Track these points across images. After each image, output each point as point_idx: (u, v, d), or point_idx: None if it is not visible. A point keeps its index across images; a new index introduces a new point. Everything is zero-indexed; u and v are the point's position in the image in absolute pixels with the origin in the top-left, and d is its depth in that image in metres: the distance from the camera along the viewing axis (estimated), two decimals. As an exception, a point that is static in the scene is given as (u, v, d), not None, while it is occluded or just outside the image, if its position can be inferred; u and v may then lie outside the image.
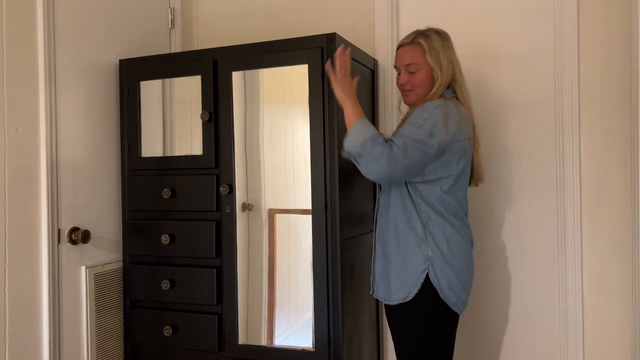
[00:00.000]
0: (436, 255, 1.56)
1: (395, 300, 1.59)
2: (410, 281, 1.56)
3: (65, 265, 1.82)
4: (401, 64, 1.66)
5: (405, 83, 1.65)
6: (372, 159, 1.48)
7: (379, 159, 1.47)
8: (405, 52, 1.65)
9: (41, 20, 1.74)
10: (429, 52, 1.60)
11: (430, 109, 1.54)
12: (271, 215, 1.84)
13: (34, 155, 1.73)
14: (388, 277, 1.62)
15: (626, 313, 1.91)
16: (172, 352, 1.95)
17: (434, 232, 1.57)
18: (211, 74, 1.86)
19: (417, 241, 1.57)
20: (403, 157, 1.47)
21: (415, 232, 1.58)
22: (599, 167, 1.93)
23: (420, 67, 1.62)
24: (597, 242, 1.94)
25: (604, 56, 1.92)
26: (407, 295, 1.56)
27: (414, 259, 1.57)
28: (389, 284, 1.62)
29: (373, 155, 1.48)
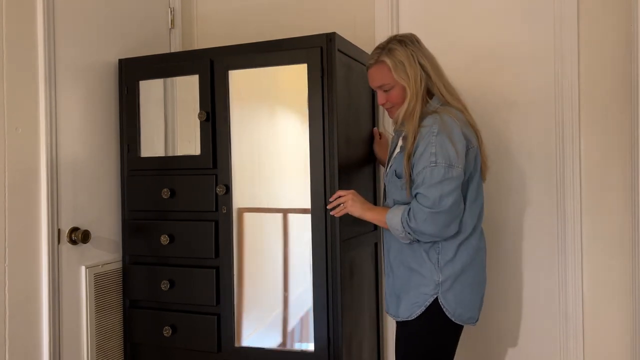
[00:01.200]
0: (449, 279, 1.53)
1: (401, 317, 1.59)
2: (417, 302, 1.55)
3: (65, 265, 1.83)
4: (374, 85, 1.63)
5: (384, 102, 1.62)
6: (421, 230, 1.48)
7: (424, 225, 1.47)
8: (374, 74, 1.61)
9: (41, 20, 1.74)
10: (395, 69, 1.55)
11: (432, 139, 1.47)
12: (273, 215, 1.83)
13: (34, 155, 1.74)
14: (399, 296, 1.61)
15: (626, 313, 1.90)
16: (172, 353, 1.95)
17: (448, 254, 1.54)
18: (209, 73, 1.86)
19: (429, 265, 1.55)
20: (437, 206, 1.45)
21: (428, 255, 1.55)
22: (599, 167, 1.93)
23: (391, 86, 1.57)
24: (597, 242, 1.93)
25: (604, 56, 1.91)
26: (411, 314, 1.56)
27: (424, 282, 1.55)
28: (399, 302, 1.61)
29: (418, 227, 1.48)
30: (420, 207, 1.47)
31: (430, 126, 1.49)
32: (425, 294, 1.54)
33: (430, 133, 1.48)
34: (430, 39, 2.09)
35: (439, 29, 2.11)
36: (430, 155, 1.47)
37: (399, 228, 1.53)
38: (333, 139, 1.70)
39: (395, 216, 1.53)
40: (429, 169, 1.46)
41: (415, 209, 1.48)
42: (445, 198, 1.46)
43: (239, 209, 1.84)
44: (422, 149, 1.49)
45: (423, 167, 1.48)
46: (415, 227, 1.48)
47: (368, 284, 2.00)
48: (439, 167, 1.46)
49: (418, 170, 1.49)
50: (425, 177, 1.47)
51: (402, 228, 1.52)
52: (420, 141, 1.50)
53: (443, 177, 1.45)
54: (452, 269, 1.54)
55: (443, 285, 1.53)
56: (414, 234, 1.51)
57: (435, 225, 1.47)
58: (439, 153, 1.46)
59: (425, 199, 1.47)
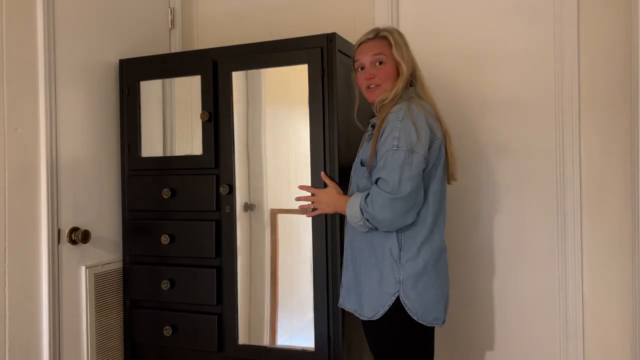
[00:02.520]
0: (410, 277, 1.49)
1: (365, 317, 1.55)
2: (380, 301, 1.51)
3: (65, 265, 1.82)
4: (367, 57, 1.59)
5: (372, 77, 1.58)
6: (378, 216, 1.45)
7: (381, 211, 1.44)
8: (371, 45, 1.59)
9: (41, 20, 1.74)
10: (395, 46, 1.57)
11: (397, 124, 1.47)
12: (273, 215, 1.84)
13: (34, 155, 1.73)
14: (359, 290, 1.57)
15: (626, 313, 1.90)
16: (172, 352, 1.95)
17: (411, 250, 1.51)
18: (211, 74, 1.86)
19: (390, 261, 1.51)
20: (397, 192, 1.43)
21: (390, 251, 1.52)
22: (599, 167, 1.93)
23: (387, 59, 1.57)
24: (597, 242, 1.93)
25: (604, 56, 1.91)
26: (375, 314, 1.52)
27: (385, 279, 1.51)
28: (360, 297, 1.57)
29: (375, 213, 1.44)
30: (379, 191, 1.44)
31: (396, 112, 1.50)
32: (387, 293, 1.50)
33: (395, 119, 1.48)
34: (430, 39, 2.10)
35: (439, 29, 2.11)
36: (392, 139, 1.46)
37: (357, 215, 1.49)
38: (333, 139, 1.70)
39: (354, 203, 1.50)
40: (390, 152, 1.45)
41: (374, 193, 1.45)
42: (404, 183, 1.43)
43: (271, 210, 1.83)
44: (387, 133, 1.48)
45: (385, 151, 1.46)
46: (373, 212, 1.45)
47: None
48: (400, 150, 1.44)
49: (381, 154, 1.48)
50: (387, 160, 1.45)
51: (361, 215, 1.48)
52: (387, 127, 1.50)
53: (403, 161, 1.43)
54: (415, 267, 1.50)
55: (405, 283, 1.49)
56: (372, 221, 1.47)
57: (392, 212, 1.43)
58: (401, 137, 1.45)
59: (385, 183, 1.44)
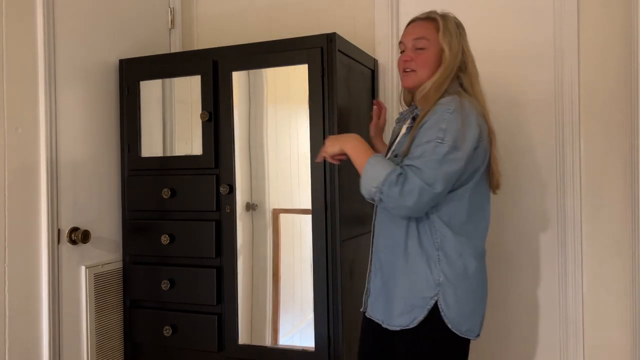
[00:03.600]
0: (450, 281, 1.38)
1: (397, 326, 1.41)
2: (416, 307, 1.39)
3: (65, 265, 1.82)
4: (409, 38, 1.49)
5: (409, 60, 1.48)
6: (402, 200, 1.32)
7: (408, 196, 1.31)
8: (416, 27, 1.49)
9: (41, 20, 1.74)
10: (443, 31, 1.45)
11: (446, 116, 1.35)
12: (275, 215, 1.84)
13: (34, 155, 1.73)
14: (390, 298, 1.44)
15: (626, 313, 1.90)
16: (172, 352, 1.95)
17: (448, 253, 1.39)
18: (211, 74, 1.86)
19: (427, 263, 1.40)
20: (433, 184, 1.31)
21: (427, 252, 1.40)
22: (599, 167, 1.93)
23: (429, 45, 1.46)
24: (597, 242, 1.93)
25: (604, 56, 1.91)
26: (412, 321, 1.39)
27: (422, 282, 1.39)
28: (390, 306, 1.44)
29: (398, 195, 1.32)
30: (414, 177, 1.31)
31: (447, 104, 1.38)
32: (424, 297, 1.38)
33: (445, 110, 1.36)
34: (431, 39, 2.09)
35: (439, 29, 2.10)
36: (438, 131, 1.34)
37: (376, 181, 1.34)
38: (333, 138, 1.70)
39: (381, 168, 1.35)
40: (433, 143, 1.33)
41: (409, 175, 1.31)
42: (440, 180, 1.31)
43: (274, 210, 1.83)
44: (432, 122, 1.36)
45: (427, 141, 1.34)
46: (397, 194, 1.31)
47: (368, 284, 2.01)
48: (444, 144, 1.32)
49: (420, 142, 1.36)
50: (426, 151, 1.33)
51: (379, 185, 1.33)
52: (432, 116, 1.38)
53: (444, 157, 1.32)
54: (455, 270, 1.39)
55: (444, 286, 1.38)
56: (389, 199, 1.34)
57: (417, 202, 1.31)
58: (447, 130, 1.33)
59: (421, 171, 1.31)
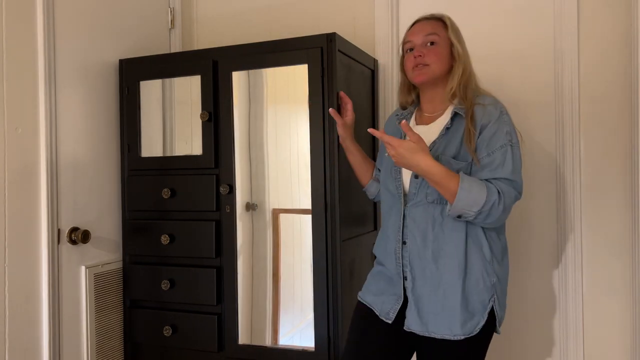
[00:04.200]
0: (500, 280, 1.41)
1: (462, 335, 1.37)
2: (477, 312, 1.37)
3: (65, 265, 1.82)
4: (419, 36, 1.47)
5: (422, 55, 1.45)
6: (502, 215, 1.33)
7: (508, 210, 1.34)
8: (424, 25, 1.49)
9: (41, 20, 1.74)
10: (451, 28, 1.46)
11: (505, 118, 1.37)
12: (275, 215, 1.84)
13: (34, 155, 1.74)
14: (447, 307, 1.39)
15: (626, 313, 1.91)
16: (172, 352, 1.95)
17: (497, 253, 1.41)
18: (211, 74, 1.86)
19: (484, 265, 1.38)
20: (521, 191, 1.37)
21: (483, 255, 1.39)
22: (599, 167, 1.93)
23: (440, 40, 1.45)
24: (597, 242, 1.93)
25: (604, 56, 1.91)
26: (475, 327, 1.37)
27: (480, 285, 1.38)
28: (451, 315, 1.38)
29: (502, 212, 1.32)
30: (510, 189, 1.33)
31: (494, 104, 1.39)
32: (483, 300, 1.37)
33: (500, 111, 1.38)
34: (431, 39, 2.09)
35: (439, 29, 2.10)
36: (506, 134, 1.35)
37: (475, 206, 1.30)
38: (333, 139, 1.70)
39: (479, 192, 1.30)
40: (508, 147, 1.34)
41: (506, 190, 1.32)
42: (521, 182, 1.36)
43: (274, 210, 1.83)
44: (495, 127, 1.36)
45: (500, 146, 1.35)
46: (500, 212, 1.31)
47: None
48: (515, 147, 1.36)
49: (493, 148, 1.35)
50: (507, 157, 1.34)
51: (481, 209, 1.30)
52: (490, 120, 1.37)
53: (520, 160, 1.36)
54: (502, 271, 1.42)
55: (497, 287, 1.39)
56: (485, 218, 1.32)
57: (509, 213, 1.35)
58: (512, 133, 1.37)
59: (515, 183, 1.33)
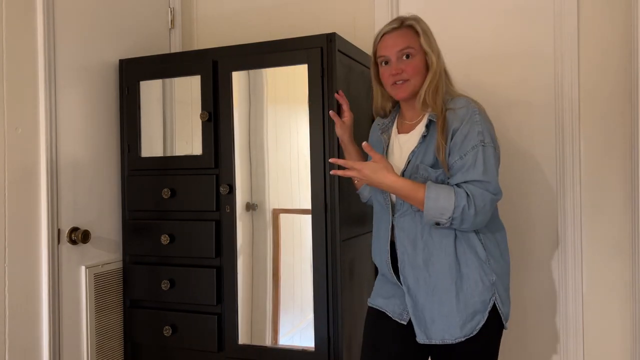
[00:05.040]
0: (499, 277, 1.39)
1: (462, 337, 1.37)
2: (477, 312, 1.37)
3: (65, 265, 1.82)
4: (393, 51, 1.44)
5: (400, 72, 1.43)
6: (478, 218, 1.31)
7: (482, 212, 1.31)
8: (397, 37, 1.44)
9: (41, 20, 1.74)
10: (423, 36, 1.42)
11: (477, 118, 1.35)
12: (275, 215, 1.84)
13: (34, 155, 1.74)
14: (444, 312, 1.39)
15: (626, 313, 1.91)
16: (172, 352, 1.95)
17: (492, 251, 1.40)
18: (211, 74, 1.86)
19: (480, 265, 1.37)
20: (498, 192, 1.33)
21: (477, 254, 1.38)
22: (599, 167, 1.93)
23: (415, 52, 1.42)
24: (597, 242, 1.93)
25: (604, 56, 1.91)
26: (475, 327, 1.37)
27: (479, 285, 1.37)
28: (449, 320, 1.38)
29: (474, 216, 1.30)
30: (483, 192, 1.30)
31: (466, 107, 1.37)
32: (484, 300, 1.37)
33: (472, 112, 1.35)
34: (431, 39, 2.09)
35: (439, 30, 2.07)
36: (477, 135, 1.33)
37: (446, 213, 1.30)
38: (333, 139, 1.70)
39: (446, 198, 1.30)
40: (480, 148, 1.32)
41: (476, 193, 1.30)
42: (498, 186, 1.32)
43: (274, 210, 1.83)
44: (466, 129, 1.34)
45: (472, 147, 1.32)
46: (473, 213, 1.29)
47: (368, 284, 2.00)
48: (488, 147, 1.33)
49: (465, 151, 1.33)
50: (478, 157, 1.31)
51: (452, 213, 1.30)
52: (462, 123, 1.35)
53: (494, 159, 1.33)
54: (502, 267, 1.41)
55: (497, 284, 1.38)
56: (463, 222, 1.31)
57: (487, 215, 1.32)
58: (485, 133, 1.34)
59: (487, 183, 1.30)
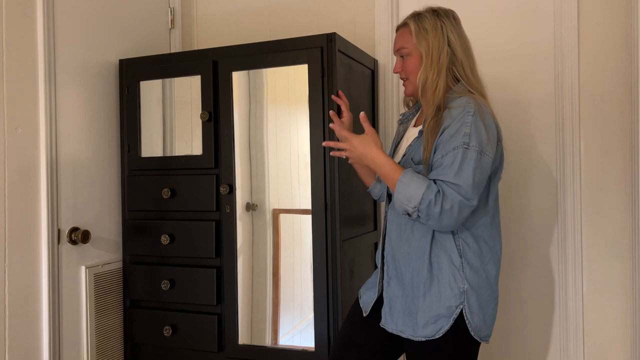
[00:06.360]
0: (473, 288, 1.36)
1: (422, 337, 1.38)
2: (441, 317, 1.36)
3: (65, 265, 1.82)
4: (395, 50, 1.51)
5: (399, 71, 1.49)
6: (443, 218, 1.29)
7: (449, 213, 1.28)
8: (397, 37, 1.49)
9: (41, 20, 1.74)
10: (416, 35, 1.42)
11: (468, 119, 1.31)
12: (275, 215, 1.84)
13: (34, 155, 1.74)
14: (412, 309, 1.40)
15: (626, 313, 1.91)
16: (172, 352, 1.95)
17: (471, 260, 1.37)
18: (211, 74, 1.86)
19: (452, 271, 1.36)
20: (471, 198, 1.28)
21: (451, 260, 1.37)
22: (599, 167, 1.93)
23: (410, 52, 1.44)
24: (597, 242, 1.93)
25: (604, 56, 1.91)
26: (437, 331, 1.36)
27: (447, 291, 1.36)
28: (414, 317, 1.39)
29: (439, 214, 1.28)
30: (453, 192, 1.28)
31: (464, 107, 1.34)
32: (449, 306, 1.35)
33: (465, 112, 1.32)
34: (431, 39, 2.09)
35: (439, 29, 2.10)
36: (463, 136, 1.30)
37: (413, 201, 1.30)
38: (333, 139, 1.70)
39: (416, 187, 1.30)
40: (461, 150, 1.29)
41: (447, 192, 1.28)
42: (475, 189, 1.29)
43: (274, 210, 1.83)
44: (455, 128, 1.32)
45: (453, 148, 1.30)
46: (437, 211, 1.28)
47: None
48: (471, 150, 1.29)
49: (446, 151, 1.31)
50: (456, 159, 1.29)
51: (418, 204, 1.29)
52: (452, 121, 1.33)
53: (475, 163, 1.28)
54: (478, 277, 1.37)
55: (469, 294, 1.35)
56: (425, 217, 1.31)
57: (458, 217, 1.29)
58: (472, 135, 1.30)
59: (459, 187, 1.28)
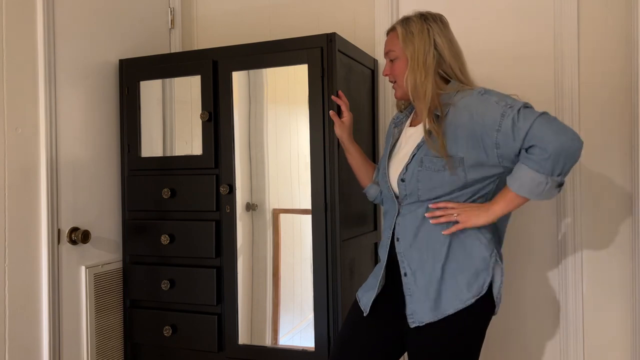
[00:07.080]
0: (494, 256, 1.38)
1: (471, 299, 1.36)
2: (480, 271, 1.36)
3: (65, 265, 1.83)
4: (384, 54, 1.52)
5: (388, 74, 1.51)
6: (566, 143, 1.23)
7: (561, 136, 1.23)
8: (387, 41, 1.51)
9: (41, 20, 1.74)
10: (403, 39, 1.43)
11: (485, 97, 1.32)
12: (275, 215, 1.84)
13: (34, 155, 1.74)
14: (437, 291, 1.37)
15: (626, 313, 1.91)
16: (172, 352, 1.95)
17: (494, 233, 1.41)
18: (211, 74, 1.86)
19: (475, 235, 1.37)
20: (553, 119, 1.25)
21: (485, 235, 1.38)
22: (599, 167, 1.93)
23: (398, 55, 1.46)
24: (597, 242, 1.93)
25: (604, 56, 1.91)
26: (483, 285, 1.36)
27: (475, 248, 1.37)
28: (439, 296, 1.37)
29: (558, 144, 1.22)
30: (539, 127, 1.23)
31: (469, 96, 1.35)
32: (484, 257, 1.36)
33: (475, 97, 1.33)
34: (431, 39, 2.09)
35: (439, 29, 2.10)
36: (496, 106, 1.29)
37: (543, 176, 1.25)
38: (333, 139, 1.70)
39: (523, 175, 1.27)
40: (509, 112, 1.26)
41: (537, 132, 1.22)
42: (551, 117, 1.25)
43: (274, 210, 1.83)
44: (481, 109, 1.30)
45: (501, 115, 1.27)
46: (555, 147, 1.21)
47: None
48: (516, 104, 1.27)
49: (496, 125, 1.27)
50: (515, 119, 1.25)
51: (545, 180, 1.25)
52: (464, 112, 1.32)
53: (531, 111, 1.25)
54: (495, 244, 1.40)
55: (495, 267, 1.37)
56: (558, 159, 1.23)
57: (566, 132, 1.23)
58: (501, 97, 1.30)
59: (527, 108, 1.25)
